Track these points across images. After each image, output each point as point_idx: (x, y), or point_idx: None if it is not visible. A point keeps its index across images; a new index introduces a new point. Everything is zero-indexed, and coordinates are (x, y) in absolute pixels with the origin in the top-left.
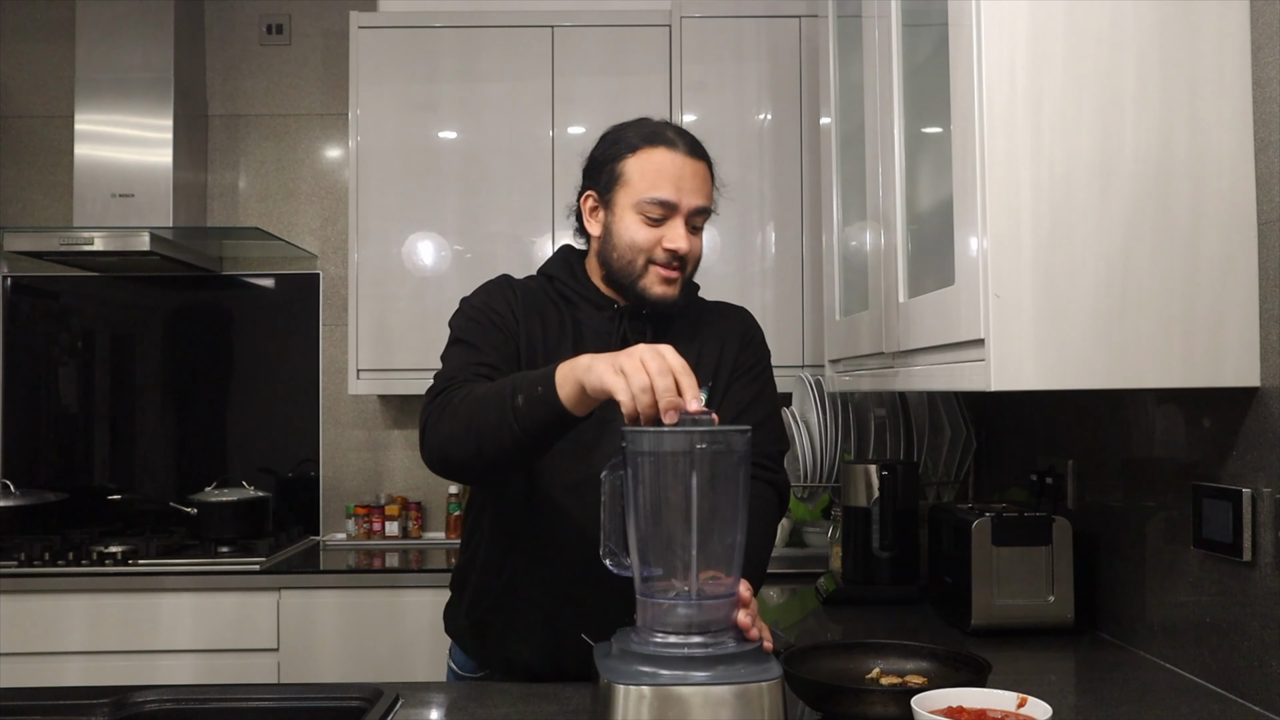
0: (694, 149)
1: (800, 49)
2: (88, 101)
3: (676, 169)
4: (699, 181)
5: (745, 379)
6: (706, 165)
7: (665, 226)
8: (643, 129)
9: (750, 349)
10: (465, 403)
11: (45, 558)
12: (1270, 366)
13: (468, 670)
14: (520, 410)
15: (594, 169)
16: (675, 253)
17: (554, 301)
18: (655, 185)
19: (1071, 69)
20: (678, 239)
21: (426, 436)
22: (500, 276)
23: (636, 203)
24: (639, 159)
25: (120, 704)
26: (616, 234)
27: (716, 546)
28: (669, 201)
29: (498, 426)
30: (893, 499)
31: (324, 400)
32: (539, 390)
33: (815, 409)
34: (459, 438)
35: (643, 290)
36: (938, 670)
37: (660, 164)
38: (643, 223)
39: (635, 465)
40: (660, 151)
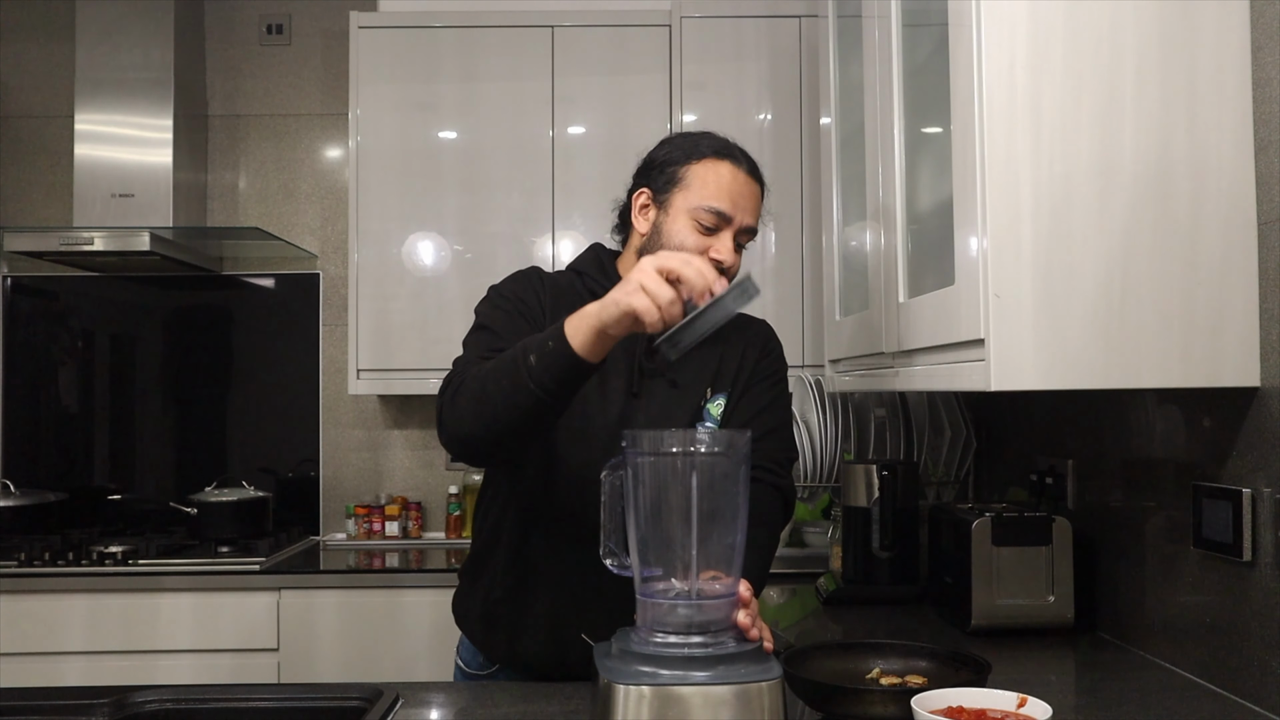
0: (754, 171)
1: (800, 49)
2: (88, 101)
3: (738, 185)
4: (754, 203)
5: (762, 385)
6: (761, 190)
7: (715, 237)
8: (713, 141)
9: (770, 358)
10: (478, 378)
11: (45, 558)
12: (1270, 366)
13: (474, 666)
14: (534, 368)
15: (653, 169)
16: (719, 264)
17: (582, 297)
18: (715, 195)
19: (1071, 69)
20: (725, 251)
21: (444, 418)
22: (530, 268)
23: (693, 208)
24: (704, 167)
25: (120, 704)
26: (667, 234)
27: (716, 546)
28: (725, 213)
29: (513, 391)
30: (893, 499)
31: (324, 400)
32: (550, 345)
33: (815, 409)
34: (475, 411)
35: None
36: (938, 670)
37: (722, 175)
38: (695, 229)
39: (635, 466)
40: (725, 165)
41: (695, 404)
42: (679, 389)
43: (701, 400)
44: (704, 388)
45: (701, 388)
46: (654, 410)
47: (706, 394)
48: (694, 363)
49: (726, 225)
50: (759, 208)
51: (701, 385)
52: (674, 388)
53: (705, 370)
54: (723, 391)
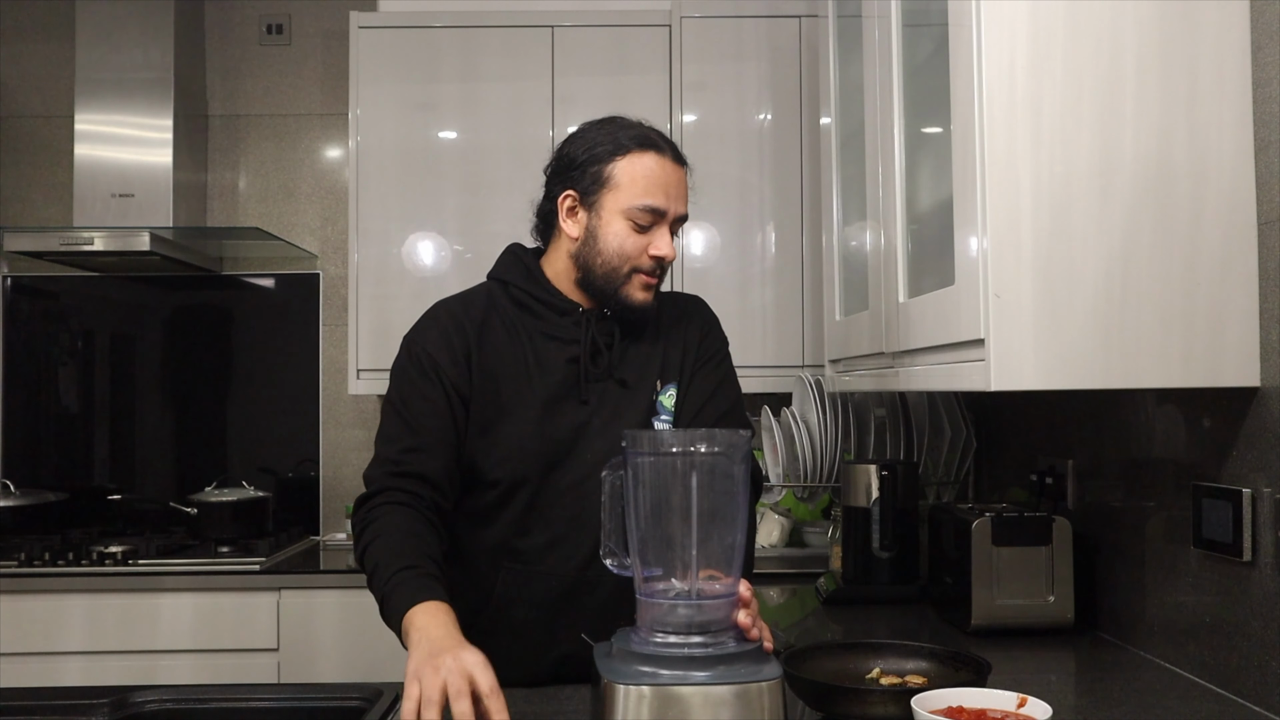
0: (678, 156)
1: (800, 49)
2: (88, 101)
3: (666, 174)
4: (682, 188)
5: (707, 368)
6: (686, 172)
7: (652, 233)
8: (630, 131)
9: (709, 338)
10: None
11: (45, 558)
12: (1270, 366)
13: None
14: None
15: (574, 168)
16: (662, 260)
17: (510, 311)
18: (646, 191)
19: (1071, 69)
20: (664, 246)
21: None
22: (443, 309)
23: (626, 208)
24: (629, 162)
25: (120, 704)
26: (603, 238)
27: (716, 546)
28: (659, 208)
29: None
30: (893, 499)
31: (324, 400)
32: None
33: (815, 409)
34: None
35: (624, 297)
36: (938, 670)
37: (650, 169)
38: (631, 229)
39: (635, 466)
40: (650, 156)
41: (647, 399)
42: (629, 388)
43: (653, 394)
44: (653, 381)
45: (650, 381)
46: (607, 413)
47: (657, 386)
48: (638, 357)
49: (662, 220)
50: (687, 192)
51: (650, 378)
52: (624, 387)
53: (651, 363)
54: (672, 382)
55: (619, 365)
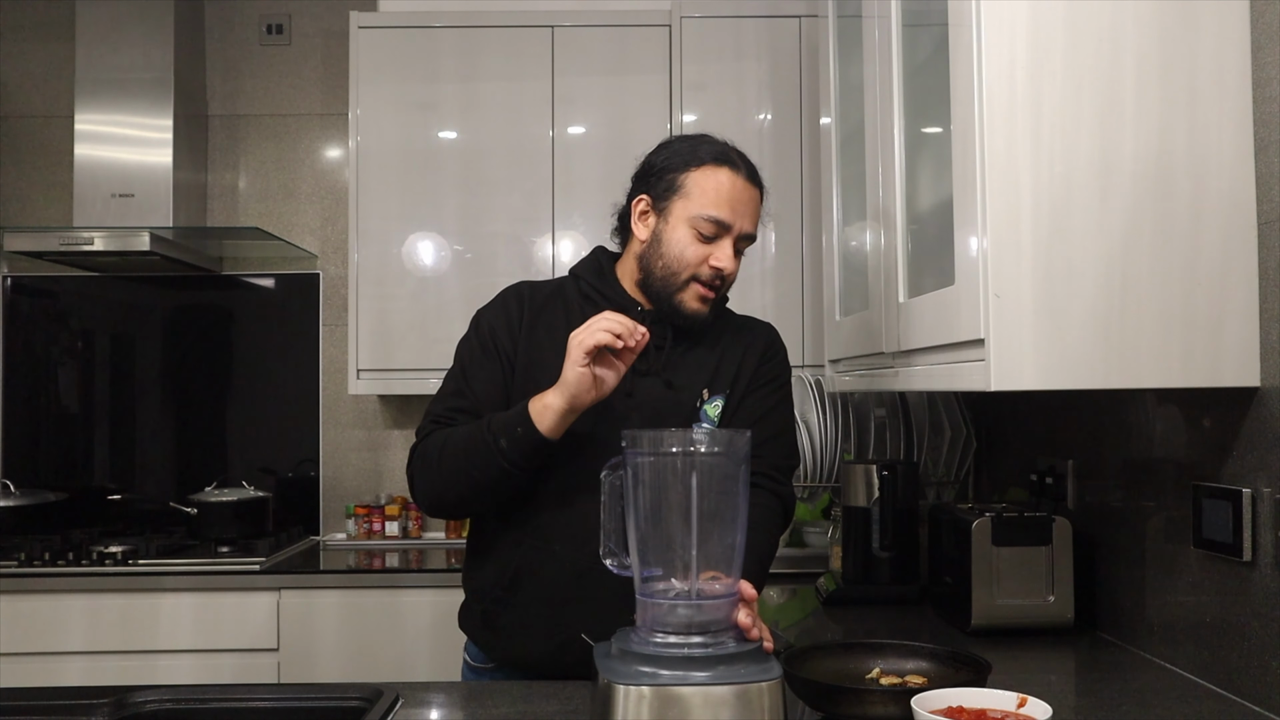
0: (753, 176)
1: (800, 49)
2: (88, 101)
3: (737, 191)
4: (753, 208)
5: (764, 390)
6: (760, 194)
7: (715, 245)
8: (712, 147)
9: (772, 363)
10: (447, 452)
11: (45, 558)
12: (1270, 366)
13: (480, 660)
14: (506, 450)
15: (651, 175)
16: (719, 272)
17: (575, 303)
18: (715, 203)
19: (1071, 69)
20: (725, 259)
21: (416, 485)
22: (519, 284)
23: (692, 217)
24: (703, 174)
25: (120, 704)
26: (666, 243)
27: (716, 547)
28: (724, 221)
29: (485, 467)
30: (893, 499)
31: (324, 400)
32: (519, 431)
33: (815, 409)
34: (450, 482)
35: (678, 304)
36: (938, 670)
37: (722, 183)
38: (695, 238)
39: (635, 466)
40: (725, 172)
41: (690, 405)
42: (674, 389)
43: (698, 401)
44: (700, 389)
45: (697, 388)
46: (648, 411)
47: (703, 395)
48: (690, 363)
49: (726, 233)
50: (758, 213)
51: (697, 386)
52: (669, 388)
53: (702, 371)
54: (720, 393)
55: (668, 367)
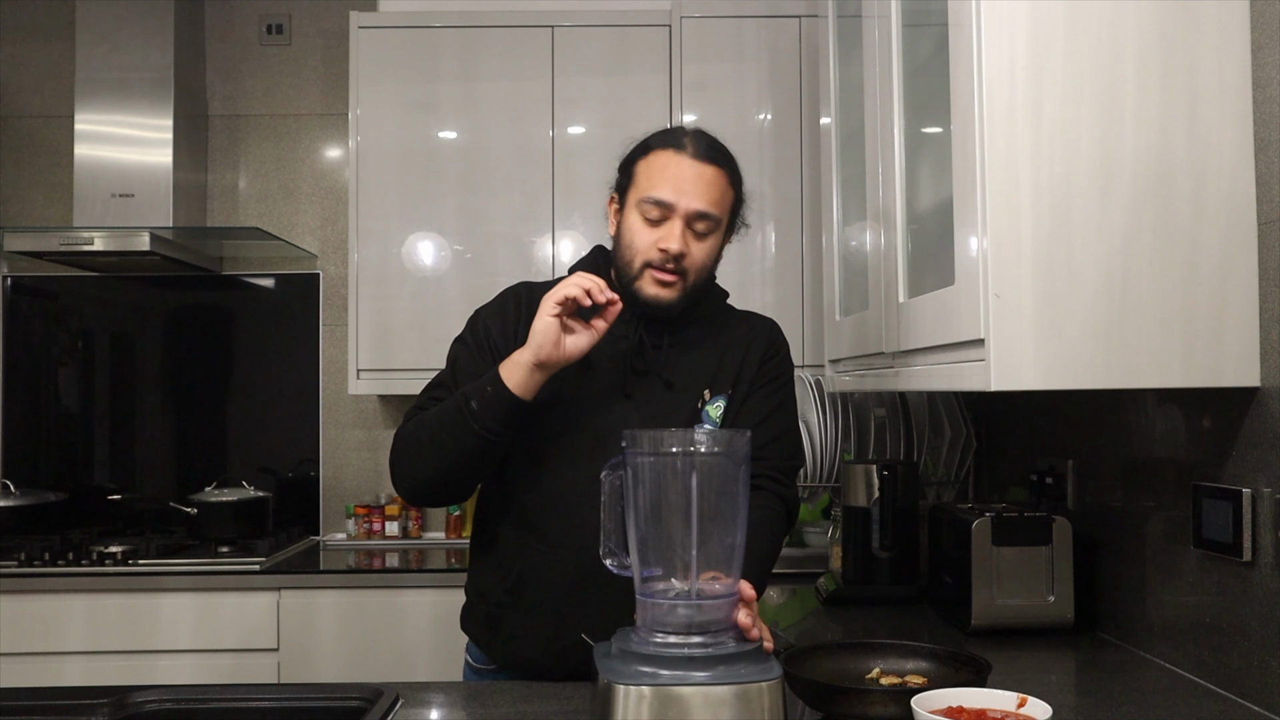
0: (705, 154)
1: (800, 49)
2: (88, 101)
3: (679, 171)
4: (703, 186)
5: (766, 390)
6: (723, 171)
7: (662, 227)
8: (664, 133)
9: (774, 361)
10: (422, 428)
11: (45, 558)
12: (1270, 366)
13: (482, 661)
14: (476, 413)
15: (618, 172)
16: (668, 254)
17: None
18: (656, 185)
19: (1071, 69)
20: (672, 239)
21: (394, 468)
22: (514, 286)
23: (638, 202)
24: (648, 159)
25: (120, 704)
26: (623, 232)
27: (716, 547)
28: (665, 201)
29: (458, 434)
30: (893, 499)
31: (324, 400)
32: (489, 390)
33: (815, 409)
34: (424, 457)
35: (637, 291)
36: (938, 670)
37: (664, 165)
38: (643, 223)
39: (635, 466)
40: (668, 154)
41: (692, 405)
42: (674, 390)
43: (699, 402)
44: (701, 389)
45: (698, 389)
46: (648, 412)
47: (705, 395)
48: (690, 363)
49: (671, 214)
50: (715, 192)
51: (698, 386)
52: (669, 389)
53: (703, 371)
54: (722, 393)
55: (668, 367)
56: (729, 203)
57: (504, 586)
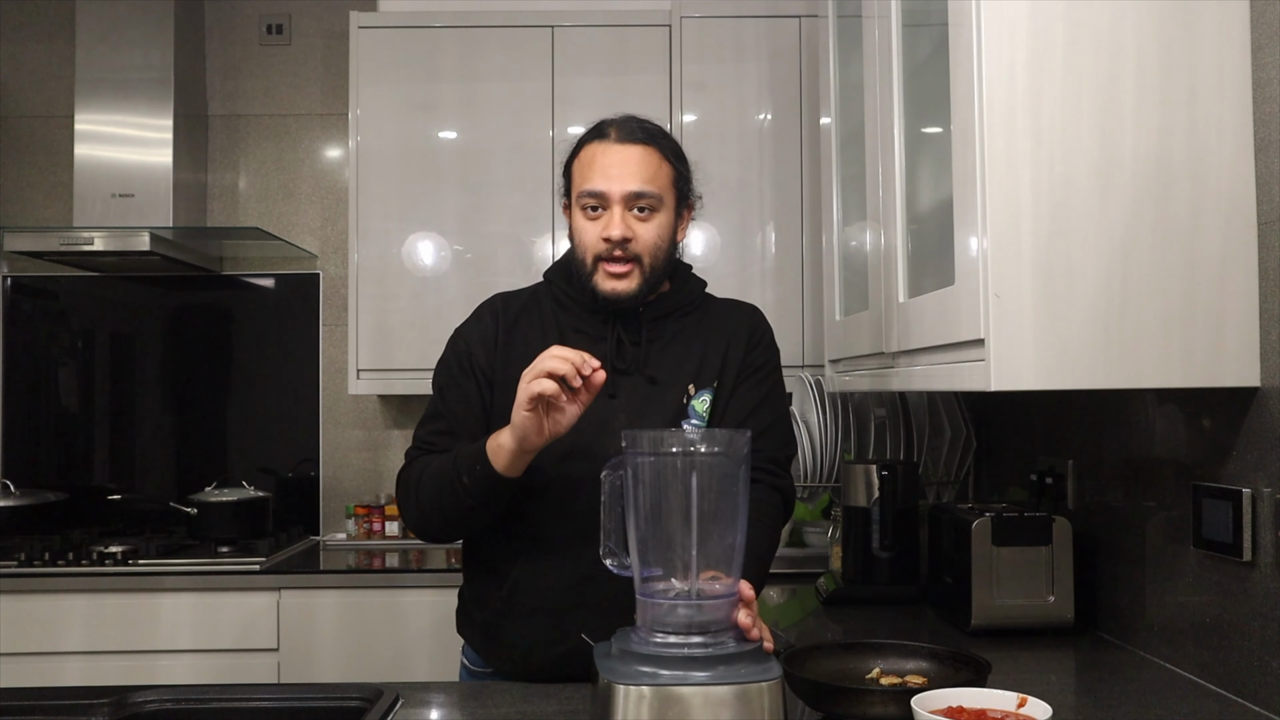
0: (631, 136)
1: (800, 49)
2: (88, 101)
3: (605, 159)
4: (634, 166)
5: (752, 380)
6: (651, 148)
7: (603, 218)
8: (591, 128)
9: (759, 349)
10: (423, 484)
11: (45, 558)
12: (1270, 366)
13: (479, 665)
14: (468, 487)
15: (563, 176)
16: (612, 240)
17: (550, 309)
18: (586, 178)
19: (1071, 69)
20: (613, 226)
21: (406, 515)
22: (489, 299)
23: (577, 198)
24: (579, 156)
25: (120, 704)
26: (572, 233)
27: (716, 546)
28: (597, 191)
29: (454, 504)
30: (893, 499)
31: (324, 400)
32: (478, 468)
33: (815, 409)
34: (429, 517)
35: (595, 287)
36: (938, 670)
37: (592, 157)
38: (586, 219)
39: (635, 466)
40: (592, 145)
41: (677, 401)
42: (658, 385)
43: (684, 398)
44: (685, 384)
45: (683, 384)
46: (633, 410)
47: (690, 391)
48: (673, 357)
49: (607, 202)
50: (648, 170)
51: (683, 381)
52: (653, 385)
53: (686, 365)
54: (707, 388)
55: (649, 362)
56: (666, 178)
57: (499, 594)
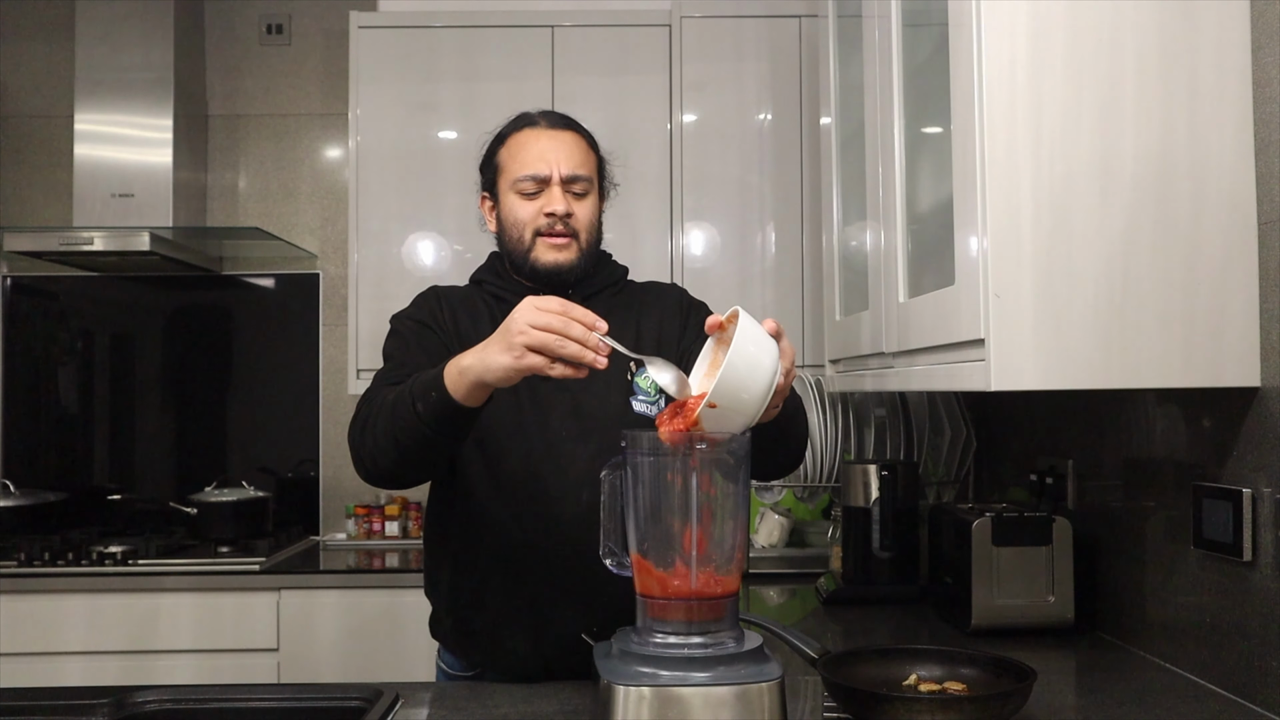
0: (558, 122)
1: (800, 49)
2: (88, 101)
3: (542, 142)
4: (568, 150)
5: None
6: (579, 135)
7: (542, 196)
8: (514, 119)
9: (694, 311)
10: (379, 413)
11: (45, 558)
12: (1270, 366)
13: (457, 669)
14: (423, 415)
15: (480, 173)
16: (555, 216)
17: (483, 305)
18: (525, 163)
19: (1071, 69)
20: (555, 201)
21: (355, 453)
22: (429, 288)
23: (513, 184)
24: (508, 145)
25: (120, 704)
26: (504, 218)
27: (716, 547)
28: (539, 175)
29: (410, 431)
30: (893, 499)
31: (324, 400)
32: (433, 395)
33: (815, 409)
34: (383, 447)
35: (534, 262)
36: (979, 677)
37: (526, 143)
38: (522, 200)
39: (635, 465)
40: (525, 132)
41: (621, 378)
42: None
43: (627, 374)
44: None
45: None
46: (578, 388)
47: (631, 368)
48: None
49: (547, 184)
50: (580, 154)
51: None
52: None
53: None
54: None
55: None
56: (594, 164)
57: (469, 587)
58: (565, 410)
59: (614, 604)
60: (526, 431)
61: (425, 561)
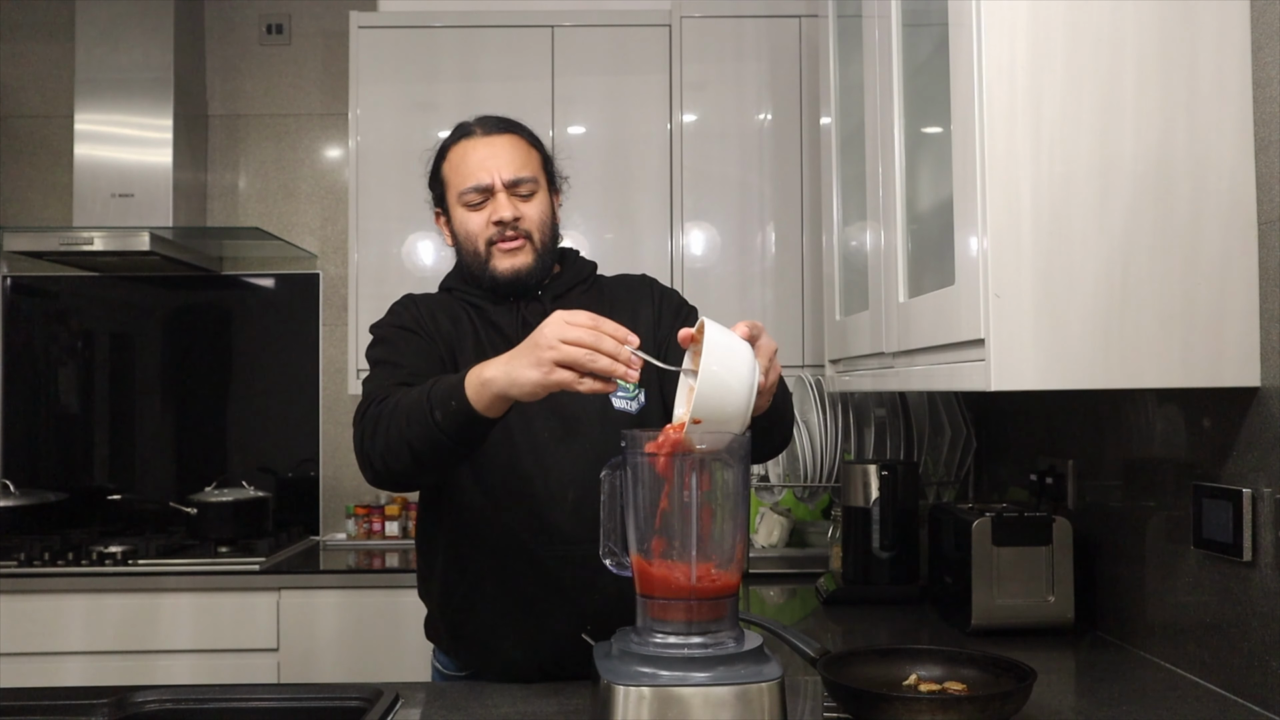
0: (494, 128)
1: (800, 49)
2: (88, 101)
3: (479, 152)
4: (507, 154)
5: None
6: (518, 136)
7: (488, 206)
8: (452, 132)
9: (666, 300)
10: (393, 416)
11: (45, 558)
12: (1270, 366)
13: (451, 669)
14: (442, 424)
15: (430, 190)
16: (504, 221)
17: (461, 307)
18: (464, 176)
19: (1071, 69)
20: (502, 208)
21: (365, 455)
22: (403, 296)
23: (458, 197)
24: (450, 159)
25: (120, 704)
26: (457, 231)
27: (716, 546)
28: (480, 185)
29: (427, 438)
30: (893, 499)
31: (324, 400)
32: (453, 404)
33: (815, 409)
34: (395, 451)
35: (493, 272)
36: (979, 677)
37: (463, 155)
38: (469, 212)
39: (635, 466)
40: (463, 144)
41: None
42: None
43: None
44: None
45: None
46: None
47: None
48: None
49: (489, 192)
50: (519, 155)
51: None
52: None
53: None
54: None
55: None
56: (537, 162)
57: (461, 590)
58: (547, 411)
59: (606, 604)
60: (511, 434)
61: (418, 565)
